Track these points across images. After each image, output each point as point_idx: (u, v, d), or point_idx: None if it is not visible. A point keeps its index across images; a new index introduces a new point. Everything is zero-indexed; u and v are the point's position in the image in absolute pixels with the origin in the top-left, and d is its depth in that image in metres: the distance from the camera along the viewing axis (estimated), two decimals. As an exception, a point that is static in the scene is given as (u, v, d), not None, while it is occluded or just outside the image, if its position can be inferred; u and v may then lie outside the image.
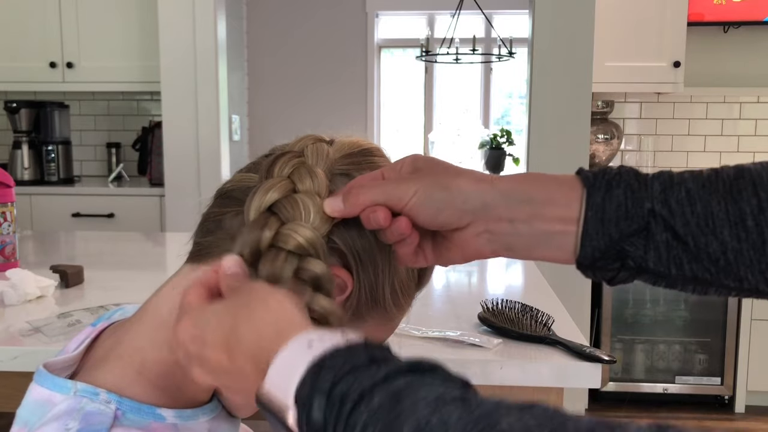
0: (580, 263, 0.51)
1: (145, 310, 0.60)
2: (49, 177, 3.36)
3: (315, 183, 0.53)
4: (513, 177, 0.53)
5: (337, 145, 0.60)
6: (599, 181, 0.50)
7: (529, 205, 0.51)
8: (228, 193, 0.58)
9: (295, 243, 0.50)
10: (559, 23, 2.68)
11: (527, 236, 0.51)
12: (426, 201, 0.51)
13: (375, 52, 5.27)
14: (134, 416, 0.54)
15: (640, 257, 0.49)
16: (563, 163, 2.75)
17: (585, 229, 0.50)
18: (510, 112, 5.63)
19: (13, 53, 3.30)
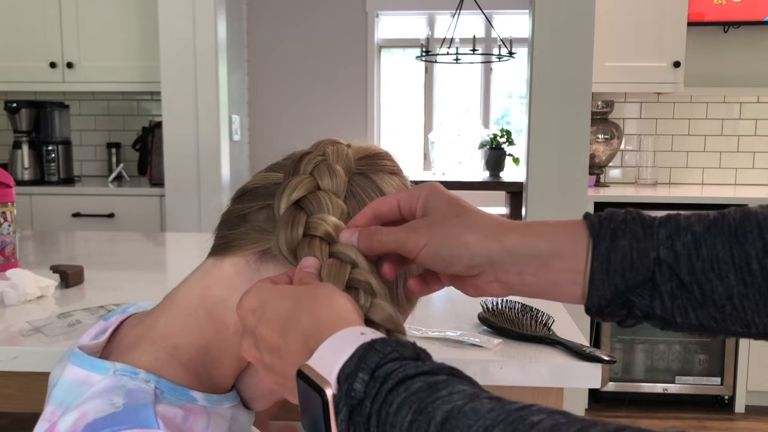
0: (589, 310, 0.52)
1: (172, 299, 0.62)
2: (49, 177, 3.36)
3: (334, 180, 0.58)
4: (520, 229, 0.53)
5: (354, 148, 0.63)
6: (604, 230, 0.51)
7: (536, 258, 0.52)
8: (253, 191, 0.62)
9: (324, 230, 0.55)
10: (559, 23, 2.68)
11: (536, 285, 0.53)
12: (434, 256, 0.53)
13: (375, 52, 5.27)
14: (170, 396, 0.56)
15: (646, 306, 0.50)
16: (563, 163, 2.75)
17: (591, 280, 0.51)
18: (510, 112, 5.62)
19: (13, 53, 3.30)
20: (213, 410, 0.59)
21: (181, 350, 0.59)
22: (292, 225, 0.56)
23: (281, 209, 0.57)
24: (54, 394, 0.58)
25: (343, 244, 0.55)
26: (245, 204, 0.62)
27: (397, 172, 0.66)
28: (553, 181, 2.77)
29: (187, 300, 0.61)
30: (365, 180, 0.62)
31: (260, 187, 0.62)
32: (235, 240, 0.61)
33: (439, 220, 0.54)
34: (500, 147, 3.74)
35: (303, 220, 0.56)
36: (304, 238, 0.55)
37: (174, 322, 0.60)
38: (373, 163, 0.64)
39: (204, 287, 0.61)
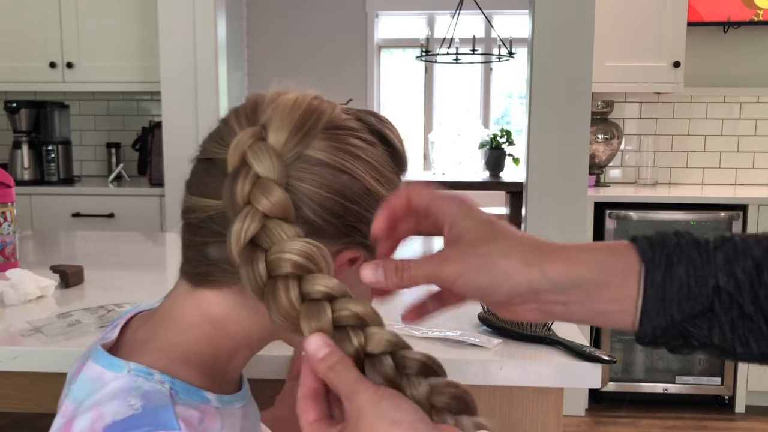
0: (641, 340, 0.49)
1: (169, 315, 0.61)
2: (49, 177, 3.36)
3: (274, 197, 0.51)
4: (563, 256, 0.49)
5: (275, 125, 0.55)
6: (658, 256, 0.47)
7: (579, 289, 0.49)
8: (202, 224, 0.58)
9: (287, 269, 0.49)
10: (559, 23, 2.68)
11: (581, 315, 0.50)
12: (472, 287, 0.49)
13: (375, 52, 5.27)
14: (185, 396, 0.56)
15: (704, 336, 0.47)
16: (563, 163, 2.75)
17: (644, 309, 0.48)
18: (510, 112, 5.63)
19: (13, 53, 3.30)
20: (225, 411, 0.59)
21: (191, 356, 0.59)
22: (253, 270, 0.50)
23: (235, 255, 0.51)
24: (72, 390, 0.58)
25: (310, 278, 0.49)
26: (203, 238, 0.58)
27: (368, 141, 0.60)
28: (553, 181, 2.76)
29: (184, 315, 0.60)
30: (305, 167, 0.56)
31: (207, 219, 0.57)
32: (210, 275, 0.58)
33: (472, 247, 0.50)
34: (500, 147, 3.74)
35: (262, 260, 0.50)
36: (269, 281, 0.50)
37: (179, 334, 0.59)
38: (303, 136, 0.57)
39: (199, 307, 0.59)
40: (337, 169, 0.57)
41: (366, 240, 0.59)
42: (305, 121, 0.56)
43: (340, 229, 0.58)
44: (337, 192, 0.56)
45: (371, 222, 0.57)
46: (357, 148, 0.59)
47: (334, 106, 0.60)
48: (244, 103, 0.61)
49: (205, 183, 0.58)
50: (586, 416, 2.93)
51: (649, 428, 2.83)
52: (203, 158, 0.59)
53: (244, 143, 0.53)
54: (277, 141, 0.54)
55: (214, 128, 0.61)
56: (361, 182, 0.58)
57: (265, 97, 0.59)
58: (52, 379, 1.04)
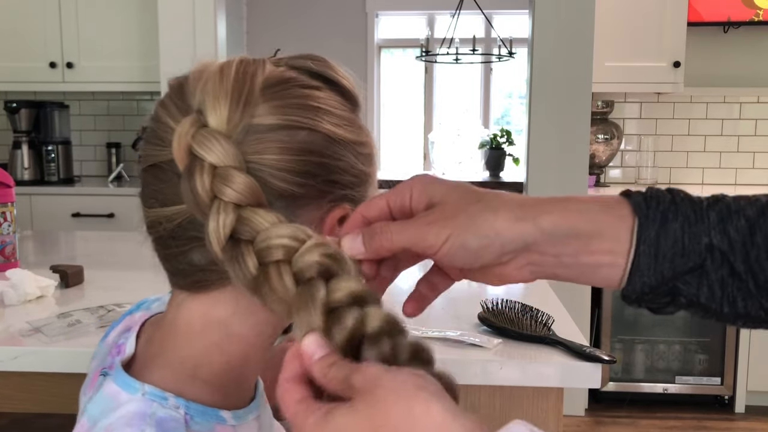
0: (626, 296, 0.48)
1: (175, 325, 0.57)
2: (49, 177, 3.36)
3: (238, 184, 0.47)
4: (556, 208, 0.48)
5: (210, 105, 0.50)
6: (653, 211, 0.47)
7: (575, 239, 0.47)
8: (174, 234, 0.54)
9: (277, 254, 0.45)
10: (559, 23, 2.68)
11: (572, 268, 0.48)
12: (460, 249, 0.47)
13: (375, 52, 5.28)
14: (201, 420, 0.53)
15: (692, 294, 0.47)
16: (563, 163, 2.75)
17: (636, 264, 0.47)
18: (510, 112, 5.62)
19: (13, 53, 3.30)
20: (240, 427, 0.57)
21: (202, 369, 0.56)
22: (240, 265, 0.46)
23: (218, 254, 0.47)
24: (88, 408, 0.55)
25: (301, 255, 0.45)
26: (180, 248, 0.54)
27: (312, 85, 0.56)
28: (553, 181, 2.76)
29: (190, 325, 0.57)
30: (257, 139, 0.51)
31: (177, 227, 0.53)
32: (204, 281, 0.55)
33: (457, 209, 0.47)
34: (500, 147, 3.74)
35: (249, 252, 0.46)
36: (260, 269, 0.46)
37: (186, 346, 0.56)
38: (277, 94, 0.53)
39: (203, 313, 0.56)
40: (291, 128, 0.52)
41: (349, 191, 0.56)
42: (240, 90, 0.51)
43: (320, 188, 0.53)
44: (300, 151, 0.52)
45: (347, 170, 0.55)
46: (303, 98, 0.54)
47: (264, 63, 0.56)
48: (168, 92, 0.56)
49: (161, 191, 0.53)
50: (586, 416, 2.93)
51: (649, 428, 2.83)
52: (148, 166, 0.54)
53: (186, 136, 0.48)
54: (219, 122, 0.49)
55: (147, 131, 0.56)
56: (321, 132, 0.53)
57: (188, 78, 0.54)
58: (52, 379, 1.04)
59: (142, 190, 0.56)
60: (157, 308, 0.66)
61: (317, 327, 0.44)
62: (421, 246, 0.47)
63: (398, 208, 0.50)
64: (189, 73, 0.55)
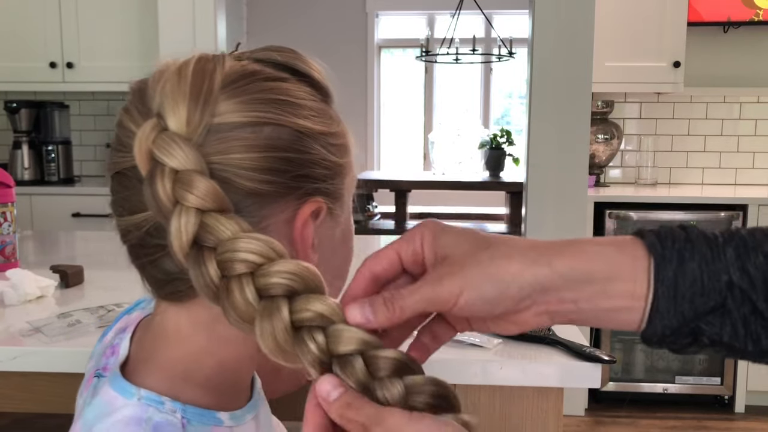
0: (647, 339, 0.47)
1: (164, 330, 0.57)
2: (49, 177, 3.36)
3: (200, 189, 0.46)
4: (570, 251, 0.47)
5: (169, 107, 0.49)
6: (669, 251, 0.45)
7: (591, 284, 0.46)
8: (143, 242, 0.53)
9: (240, 268, 0.44)
10: (559, 23, 2.68)
11: (590, 313, 0.47)
12: (477, 300, 0.45)
13: (375, 52, 5.28)
14: (198, 423, 0.53)
15: (715, 334, 0.45)
16: (563, 163, 2.75)
17: (655, 306, 0.45)
18: (510, 112, 5.62)
19: (13, 53, 3.30)
20: (238, 428, 0.57)
21: (194, 373, 0.55)
22: (202, 273, 0.45)
23: (181, 260, 0.46)
24: (85, 413, 0.54)
25: (268, 273, 0.44)
26: (147, 255, 0.53)
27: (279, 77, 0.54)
28: (553, 181, 2.77)
29: (178, 329, 0.56)
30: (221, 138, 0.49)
31: (145, 234, 0.52)
32: (181, 291, 0.53)
33: (467, 259, 0.46)
34: (500, 147, 3.74)
35: (211, 260, 0.45)
36: (222, 281, 0.45)
37: (176, 350, 0.56)
38: (241, 89, 0.51)
39: (190, 318, 0.55)
40: (256, 124, 0.50)
41: (321, 184, 0.54)
42: (199, 89, 0.50)
43: (289, 184, 0.52)
44: (266, 148, 0.50)
45: (318, 163, 0.53)
46: (267, 91, 0.52)
47: (223, 58, 0.54)
48: (129, 96, 0.55)
49: (127, 199, 0.52)
50: (586, 416, 2.93)
51: (648, 428, 2.83)
52: (114, 174, 0.53)
53: (146, 140, 0.47)
54: (179, 125, 0.48)
55: (113, 138, 0.55)
56: (287, 126, 0.52)
57: (149, 80, 0.53)
58: (52, 379, 1.04)
59: (111, 199, 0.55)
60: (151, 309, 0.66)
61: (281, 342, 0.43)
62: (436, 304, 0.45)
63: (410, 260, 0.48)
64: (150, 76, 0.54)
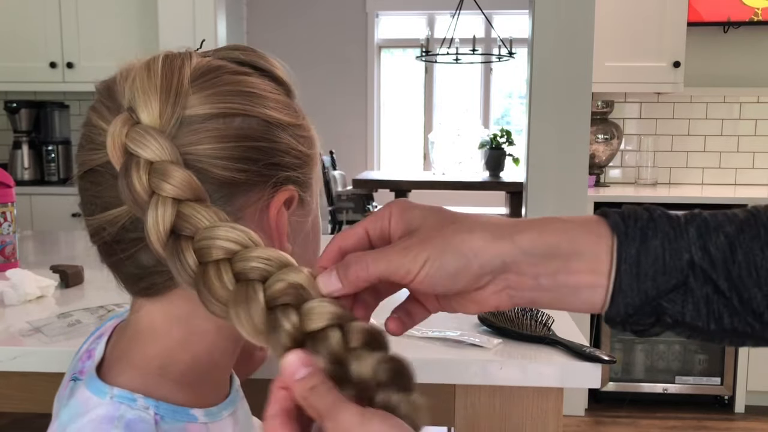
0: (611, 319, 0.47)
1: (139, 328, 0.57)
2: (49, 177, 3.36)
3: (176, 179, 0.47)
4: (534, 227, 0.47)
5: (140, 102, 0.50)
6: (632, 229, 0.45)
7: (553, 259, 0.46)
8: (118, 237, 0.53)
9: (223, 249, 0.45)
10: (559, 23, 2.68)
11: (552, 290, 0.47)
12: (438, 271, 0.45)
13: (375, 52, 5.28)
14: (171, 420, 0.53)
15: (678, 312, 0.45)
16: (563, 163, 2.75)
17: (617, 285, 0.45)
18: (510, 112, 5.63)
19: (13, 53, 3.30)
20: (214, 426, 0.57)
21: (169, 369, 0.55)
22: (181, 261, 0.45)
23: (159, 250, 0.47)
24: (61, 414, 0.54)
25: (246, 258, 0.44)
26: (122, 250, 0.53)
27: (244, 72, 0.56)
28: (553, 181, 2.77)
29: (152, 326, 0.56)
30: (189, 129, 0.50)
31: (120, 229, 0.52)
32: (156, 285, 0.54)
33: (433, 231, 0.46)
34: (500, 147, 3.74)
35: (189, 249, 0.45)
36: (199, 268, 0.45)
37: (151, 346, 0.56)
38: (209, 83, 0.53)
39: (164, 312, 0.56)
40: (226, 115, 0.52)
41: (292, 173, 0.56)
42: (169, 83, 0.51)
43: (261, 172, 0.53)
44: (237, 137, 0.52)
45: (287, 152, 0.55)
46: (234, 84, 0.54)
47: (190, 55, 0.55)
48: (96, 96, 0.56)
49: (99, 196, 0.52)
50: (586, 416, 2.93)
51: (648, 428, 2.83)
52: (84, 173, 0.53)
53: (120, 134, 0.48)
54: (151, 118, 0.49)
55: (80, 138, 0.55)
56: (256, 117, 0.53)
57: (115, 79, 0.54)
58: (52, 379, 1.04)
59: (80, 200, 0.55)
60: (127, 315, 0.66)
61: (258, 323, 0.43)
62: (399, 273, 0.45)
63: (377, 235, 0.49)
64: (115, 74, 0.55)
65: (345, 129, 5.16)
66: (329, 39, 5.15)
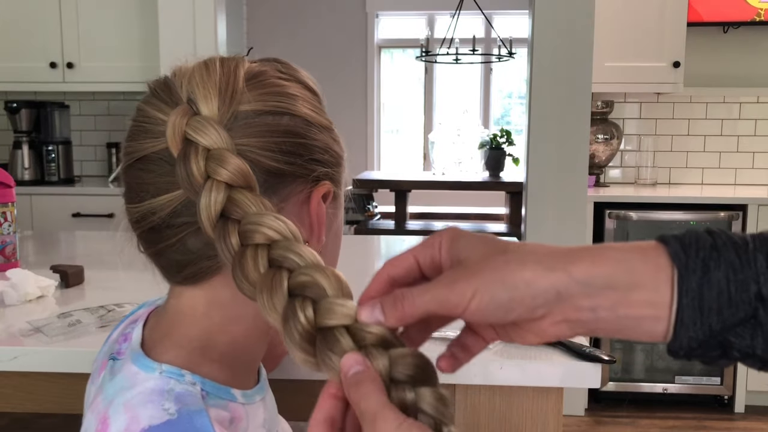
0: (674, 352, 0.45)
1: (180, 311, 0.60)
2: (50, 177, 3.36)
3: (231, 165, 0.50)
4: (589, 256, 0.45)
5: (201, 95, 0.55)
6: (692, 260, 0.43)
7: (611, 290, 0.44)
8: (168, 221, 0.56)
9: (264, 235, 0.47)
10: (559, 23, 2.68)
11: (612, 322, 0.45)
12: (489, 304, 0.44)
13: (375, 52, 5.28)
14: (215, 396, 0.56)
15: (746, 346, 0.43)
16: (563, 163, 2.75)
17: (679, 318, 0.43)
18: (510, 112, 5.62)
19: (13, 53, 3.30)
20: (249, 407, 0.60)
21: (209, 349, 0.59)
22: (225, 242, 0.48)
23: (209, 230, 0.50)
24: (105, 388, 0.57)
25: (284, 248, 0.47)
26: (171, 235, 0.57)
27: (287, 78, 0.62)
28: (553, 181, 2.77)
29: (194, 308, 0.60)
30: (250, 123, 0.56)
31: (171, 213, 0.56)
32: (202, 271, 0.58)
33: (482, 263, 0.45)
34: (500, 147, 3.74)
35: (234, 232, 0.48)
36: (240, 249, 0.48)
37: (192, 327, 0.60)
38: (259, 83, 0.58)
39: (204, 297, 0.59)
40: (275, 113, 0.57)
41: (329, 170, 0.61)
42: (227, 81, 0.56)
43: (305, 166, 0.58)
44: (285, 133, 0.57)
45: (326, 150, 0.61)
46: (281, 86, 0.60)
47: (241, 58, 0.61)
48: (151, 91, 0.59)
49: (151, 183, 0.56)
50: (586, 416, 2.93)
51: (648, 428, 2.83)
52: (135, 161, 0.57)
53: (180, 123, 0.52)
54: (211, 110, 0.54)
55: (130, 130, 0.60)
56: (300, 117, 0.59)
57: (172, 76, 0.59)
58: (52, 379, 1.04)
59: (128, 188, 0.59)
60: (161, 303, 0.68)
61: (278, 308, 0.44)
62: (446, 306, 0.44)
63: (428, 264, 0.48)
64: (169, 74, 0.60)
65: (345, 129, 5.13)
66: (329, 39, 5.15)
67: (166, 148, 0.54)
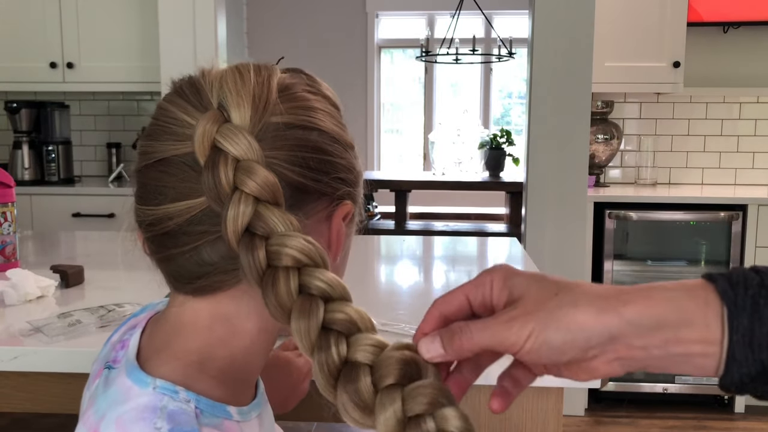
0: (726, 387, 0.46)
1: (181, 323, 0.59)
2: (50, 177, 3.36)
3: (260, 177, 0.49)
4: (639, 297, 0.46)
5: (233, 102, 0.53)
6: (742, 298, 0.44)
7: (662, 330, 0.45)
8: (185, 228, 0.54)
9: (292, 257, 0.47)
10: (559, 23, 2.68)
11: (663, 359, 0.46)
12: (543, 345, 0.45)
13: (375, 52, 5.28)
14: (210, 414, 0.54)
15: None
16: (563, 163, 2.75)
17: (731, 354, 0.44)
18: (510, 112, 5.62)
19: (13, 53, 3.30)
20: (245, 424, 0.58)
21: (208, 364, 0.57)
22: (252, 258, 0.48)
23: (233, 243, 0.49)
24: (98, 401, 0.56)
25: (312, 274, 0.47)
26: (185, 243, 0.55)
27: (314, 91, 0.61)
28: (553, 182, 2.77)
29: (196, 320, 0.58)
30: (279, 128, 0.54)
31: (188, 221, 0.54)
32: (213, 285, 0.56)
33: (537, 303, 0.46)
34: (500, 147, 3.74)
35: (261, 248, 0.48)
36: (269, 269, 0.48)
37: (192, 340, 0.58)
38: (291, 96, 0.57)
39: (208, 309, 0.58)
40: (305, 128, 0.56)
41: (350, 189, 0.60)
42: (261, 91, 0.54)
43: (331, 184, 0.57)
44: (313, 149, 0.56)
45: (350, 169, 0.60)
46: (309, 101, 0.58)
47: (274, 68, 0.59)
48: (177, 90, 0.57)
49: (171, 186, 0.54)
50: (586, 416, 2.93)
51: (648, 428, 2.83)
52: (155, 161, 0.55)
53: (210, 130, 0.51)
54: (242, 119, 0.52)
55: (150, 129, 0.57)
56: (327, 133, 0.58)
57: (200, 77, 0.56)
58: (52, 379, 1.04)
59: (142, 188, 0.57)
60: (162, 306, 0.67)
61: (312, 338, 0.45)
62: (503, 345, 0.46)
63: (479, 302, 0.49)
64: (199, 73, 0.57)
65: (345, 129, 5.15)
66: (329, 39, 5.15)
67: (191, 152, 0.52)
